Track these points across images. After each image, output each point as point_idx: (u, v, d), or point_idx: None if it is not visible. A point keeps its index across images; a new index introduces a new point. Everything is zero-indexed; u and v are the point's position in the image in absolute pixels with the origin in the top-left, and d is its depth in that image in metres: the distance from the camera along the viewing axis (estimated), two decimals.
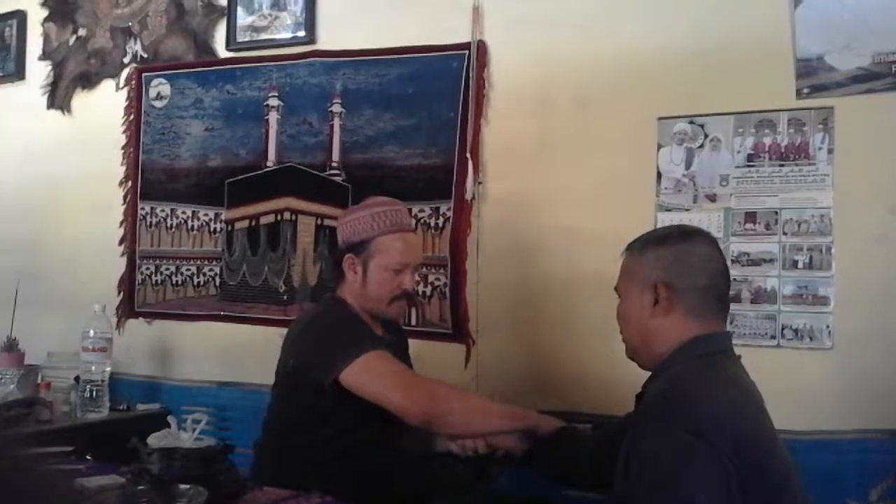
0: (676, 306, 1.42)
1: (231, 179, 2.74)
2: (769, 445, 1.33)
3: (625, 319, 1.52)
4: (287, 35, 2.68)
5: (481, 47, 2.37)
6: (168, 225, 2.86)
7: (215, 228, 2.77)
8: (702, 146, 2.13)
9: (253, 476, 1.79)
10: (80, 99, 3.07)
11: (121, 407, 2.57)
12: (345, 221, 1.99)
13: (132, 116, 2.93)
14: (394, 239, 1.90)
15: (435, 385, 1.79)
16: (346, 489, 1.62)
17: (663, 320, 1.43)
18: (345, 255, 1.94)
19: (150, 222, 2.89)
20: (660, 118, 2.16)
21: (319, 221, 2.58)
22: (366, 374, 1.77)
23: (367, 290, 1.91)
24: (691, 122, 2.14)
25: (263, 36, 2.71)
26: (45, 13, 3.15)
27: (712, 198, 2.11)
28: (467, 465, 1.88)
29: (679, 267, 1.44)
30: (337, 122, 2.57)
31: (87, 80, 3.04)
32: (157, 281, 2.86)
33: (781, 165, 2.06)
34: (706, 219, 2.10)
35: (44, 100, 3.12)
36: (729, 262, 2.05)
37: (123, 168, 2.93)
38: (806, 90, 2.03)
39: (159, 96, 2.89)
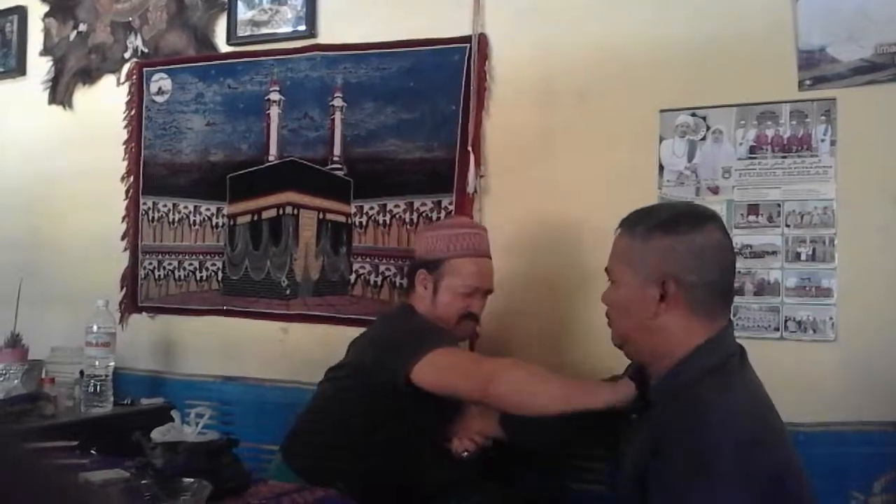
0: (684, 304, 1.30)
1: (233, 174, 2.74)
2: (795, 468, 1.26)
3: (621, 309, 1.39)
4: (288, 29, 2.67)
5: (482, 40, 2.36)
6: (170, 220, 2.86)
7: (217, 223, 2.77)
8: (704, 138, 2.13)
9: (285, 458, 1.87)
10: (82, 94, 3.07)
11: (124, 401, 2.57)
12: (423, 236, 2.05)
13: (133, 111, 2.93)
14: (467, 262, 1.94)
15: (497, 366, 1.74)
16: (374, 489, 1.64)
17: (668, 318, 1.31)
18: (418, 270, 1.98)
19: (153, 217, 2.89)
20: (662, 110, 2.16)
21: (321, 216, 2.58)
22: (434, 369, 1.77)
23: (435, 308, 1.95)
24: (693, 115, 2.13)
25: (264, 30, 2.71)
26: (45, 8, 3.14)
27: (715, 190, 2.11)
28: (476, 465, 1.88)
29: (691, 260, 1.30)
30: (338, 116, 2.56)
31: (88, 76, 3.04)
32: (159, 276, 2.86)
33: (784, 157, 2.05)
34: None
35: (45, 95, 3.12)
36: None
37: (125, 163, 2.93)
38: (808, 82, 2.03)
39: (160, 91, 2.89)
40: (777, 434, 1.28)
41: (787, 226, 2.04)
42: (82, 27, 3.06)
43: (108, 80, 3.01)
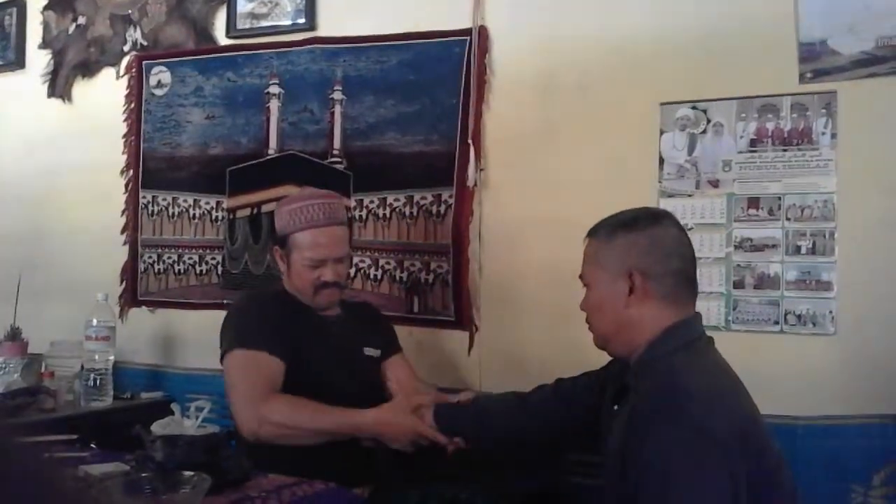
0: (652, 294, 1.38)
1: (232, 167, 2.74)
2: (763, 433, 1.32)
3: (596, 309, 1.46)
4: (287, 22, 2.66)
5: (483, 33, 2.36)
6: (170, 213, 2.85)
7: (217, 217, 2.77)
8: (704, 131, 2.12)
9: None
10: (81, 87, 3.06)
11: (124, 395, 2.57)
12: (276, 213, 2.07)
13: (133, 105, 2.92)
14: (307, 235, 1.96)
15: (270, 410, 1.78)
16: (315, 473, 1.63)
17: (639, 309, 1.39)
18: (274, 247, 2.06)
19: (152, 211, 2.88)
20: (662, 103, 2.15)
21: None
22: (229, 369, 1.88)
23: (292, 281, 2.01)
24: (694, 108, 2.13)
25: (264, 23, 2.70)
26: (44, 1, 3.13)
27: (715, 183, 2.10)
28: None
29: (653, 252, 1.39)
30: (338, 110, 2.56)
31: (88, 69, 3.03)
32: (159, 269, 2.86)
33: (784, 150, 2.05)
34: (709, 205, 2.10)
35: (44, 88, 3.11)
36: (732, 248, 2.07)
37: (124, 157, 2.93)
38: (809, 74, 2.02)
39: (160, 84, 2.88)
40: (741, 401, 1.34)
41: (788, 219, 2.03)
42: (81, 20, 3.05)
43: (107, 73, 3.00)
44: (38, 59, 3.14)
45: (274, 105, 2.67)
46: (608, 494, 1.39)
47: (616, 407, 1.45)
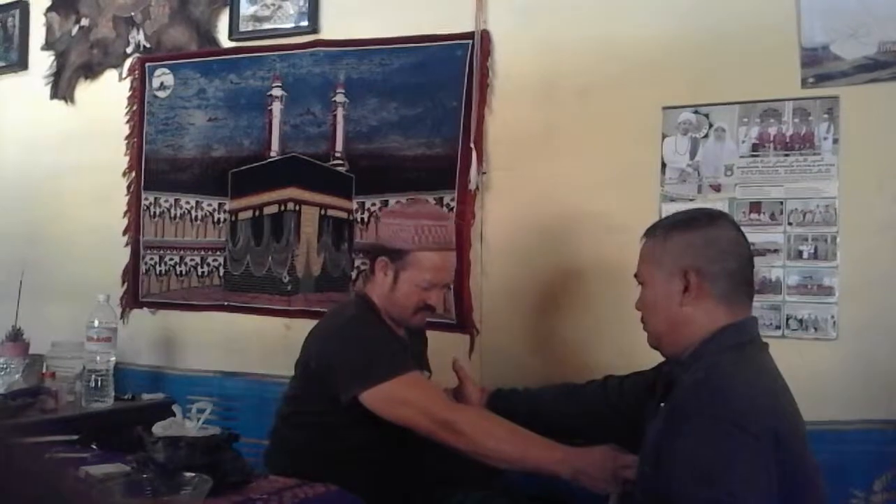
0: (707, 293, 1.38)
1: (234, 170, 2.74)
2: (803, 439, 1.32)
3: (650, 307, 1.46)
4: (290, 25, 2.67)
5: (485, 36, 2.36)
6: (172, 215, 2.86)
7: (219, 219, 2.77)
8: (706, 136, 2.12)
9: (266, 464, 1.83)
10: (84, 89, 3.07)
11: (126, 396, 2.57)
12: (388, 223, 1.93)
13: (135, 106, 2.93)
14: (433, 257, 1.85)
15: (463, 417, 1.71)
16: (354, 484, 1.62)
17: (693, 308, 1.39)
18: (379, 256, 1.90)
19: (154, 212, 2.89)
20: (664, 108, 2.16)
21: (323, 212, 2.58)
22: (389, 400, 1.73)
23: (393, 296, 1.88)
24: (696, 112, 2.13)
25: (266, 25, 2.71)
26: (47, 3, 3.14)
27: (717, 188, 2.10)
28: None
29: (709, 252, 1.40)
30: (340, 112, 2.56)
31: (90, 71, 3.04)
32: (160, 271, 2.86)
33: (786, 155, 2.05)
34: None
35: (47, 90, 3.12)
36: None
37: (127, 158, 2.93)
38: (811, 79, 2.02)
39: (162, 86, 2.88)
40: (781, 405, 1.34)
41: (790, 224, 2.03)
42: (84, 22, 3.06)
43: (110, 75, 3.01)
44: (41, 61, 3.15)
45: (276, 107, 2.67)
46: (640, 486, 1.40)
47: (662, 405, 1.45)
